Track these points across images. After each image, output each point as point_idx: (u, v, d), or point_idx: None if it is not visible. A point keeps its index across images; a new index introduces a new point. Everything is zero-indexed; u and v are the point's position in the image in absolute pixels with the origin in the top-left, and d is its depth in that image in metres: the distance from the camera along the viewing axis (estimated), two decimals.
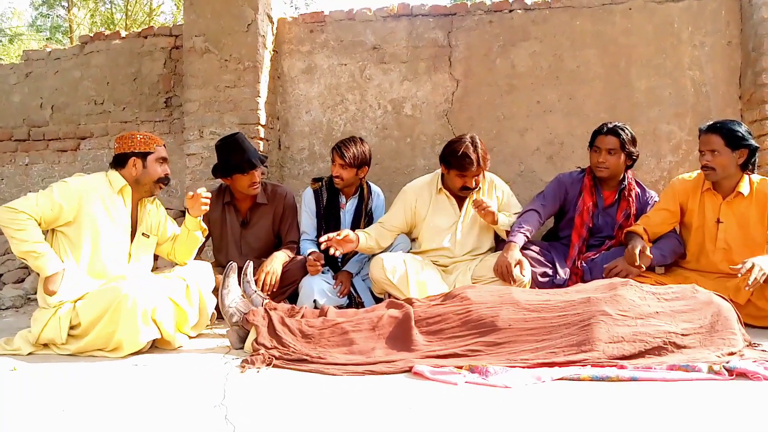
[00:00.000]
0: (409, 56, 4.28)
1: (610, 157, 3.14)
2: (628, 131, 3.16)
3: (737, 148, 2.83)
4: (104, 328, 2.42)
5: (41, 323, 2.49)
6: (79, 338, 2.48)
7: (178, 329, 2.65)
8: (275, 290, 3.13)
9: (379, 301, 3.12)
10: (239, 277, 2.69)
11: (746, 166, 2.88)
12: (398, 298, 2.83)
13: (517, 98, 4.16)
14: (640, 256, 2.82)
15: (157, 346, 2.60)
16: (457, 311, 2.38)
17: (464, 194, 3.20)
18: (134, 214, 2.80)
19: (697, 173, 3.04)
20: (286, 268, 3.20)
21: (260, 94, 4.12)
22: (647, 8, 4.03)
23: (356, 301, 3.24)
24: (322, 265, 3.19)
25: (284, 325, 2.43)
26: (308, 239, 3.45)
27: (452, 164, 3.09)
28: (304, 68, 4.40)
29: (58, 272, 2.49)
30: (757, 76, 3.67)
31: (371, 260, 3.15)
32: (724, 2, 3.95)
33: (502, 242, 3.15)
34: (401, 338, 2.33)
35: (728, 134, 2.83)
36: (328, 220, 3.44)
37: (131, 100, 4.67)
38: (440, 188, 3.25)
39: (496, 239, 3.28)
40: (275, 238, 3.48)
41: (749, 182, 2.91)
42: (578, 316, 2.24)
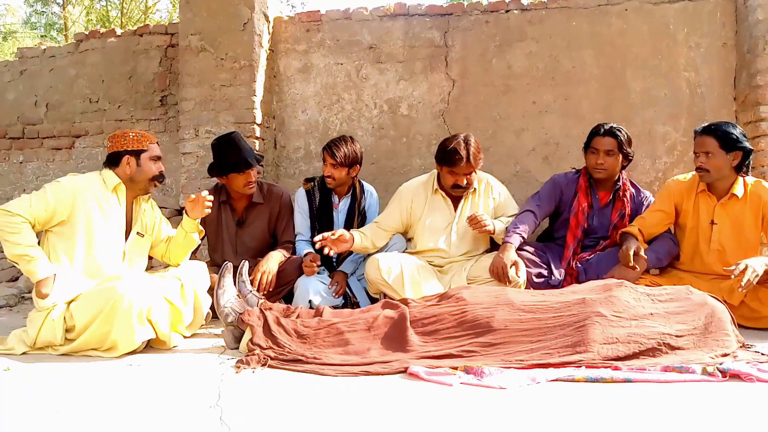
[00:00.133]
0: (405, 56, 4.28)
1: (608, 158, 3.14)
2: (624, 132, 3.17)
3: (732, 150, 2.84)
4: (99, 328, 2.41)
5: (37, 326, 2.48)
6: (73, 339, 2.47)
7: (173, 328, 2.65)
8: (271, 290, 3.13)
9: (374, 301, 3.12)
10: (235, 277, 2.69)
11: (741, 168, 2.90)
12: (393, 298, 2.84)
13: (513, 98, 4.17)
14: (634, 257, 2.83)
15: (152, 345, 2.59)
16: (452, 312, 2.38)
17: (457, 193, 3.20)
18: (129, 212, 2.79)
19: (692, 174, 3.06)
20: (281, 267, 3.20)
21: (256, 93, 4.10)
22: (643, 9, 4.04)
23: (352, 301, 3.24)
24: (318, 266, 3.20)
25: (279, 325, 2.43)
26: (303, 240, 3.44)
27: (443, 160, 3.11)
28: (300, 67, 4.39)
29: (49, 276, 2.49)
30: (752, 77, 3.68)
31: (367, 260, 3.16)
32: (719, 4, 3.96)
33: (497, 244, 3.15)
34: (396, 339, 2.33)
35: (723, 136, 2.84)
36: (321, 220, 3.44)
37: (126, 98, 4.64)
38: (436, 188, 3.26)
39: (491, 241, 3.28)
40: (271, 237, 3.48)
41: (743, 184, 2.93)
42: (573, 317, 2.25)
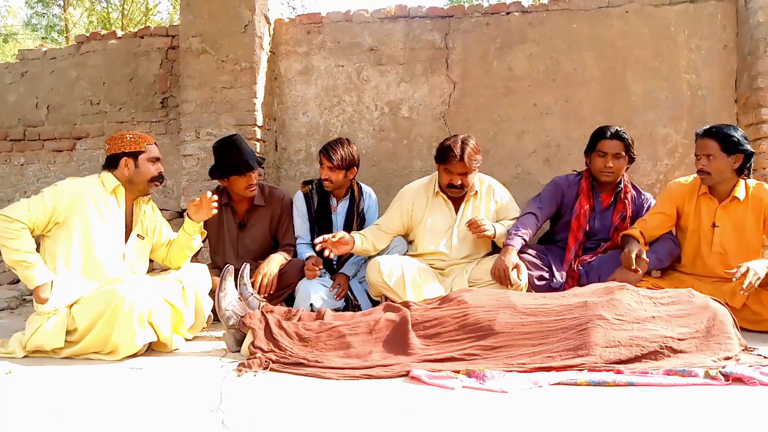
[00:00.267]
0: (406, 58, 4.28)
1: (616, 161, 3.15)
2: (627, 134, 3.18)
3: (733, 152, 2.84)
4: (100, 331, 2.41)
5: (32, 329, 2.47)
6: (75, 342, 2.47)
7: (174, 331, 2.64)
8: (272, 292, 3.13)
9: (375, 303, 3.12)
10: (236, 279, 2.69)
11: (742, 170, 2.89)
12: (395, 301, 2.83)
13: (513, 101, 4.17)
14: (636, 259, 2.83)
15: (153, 348, 2.58)
16: (454, 315, 2.38)
17: (453, 194, 3.20)
18: (129, 215, 2.79)
19: (693, 177, 3.05)
20: (282, 270, 3.20)
21: (257, 95, 4.11)
22: (644, 12, 4.04)
23: (353, 303, 3.24)
24: (320, 269, 3.19)
25: (281, 328, 2.43)
26: (303, 243, 3.44)
27: (439, 157, 3.16)
28: (301, 69, 4.39)
29: (46, 282, 2.48)
30: (752, 79, 3.68)
31: (368, 263, 3.15)
32: (720, 6, 3.97)
33: (498, 247, 3.14)
34: (398, 342, 2.33)
35: (724, 139, 2.84)
36: (319, 222, 3.43)
37: (127, 100, 4.65)
38: (437, 191, 3.25)
39: (492, 243, 3.27)
40: (272, 240, 3.48)
41: (745, 187, 2.92)
42: (575, 320, 2.25)
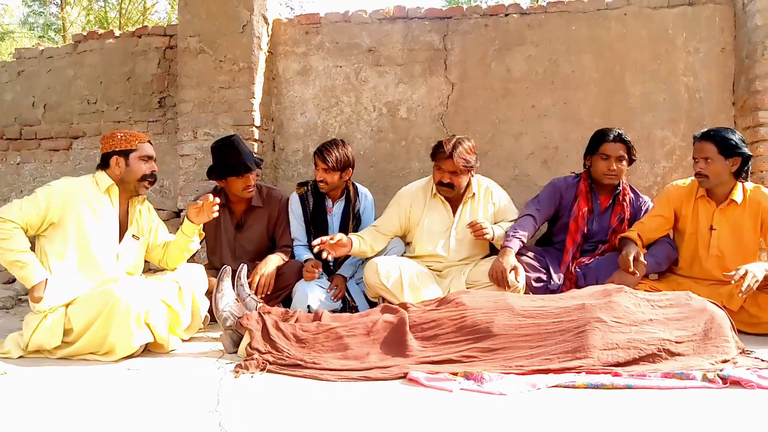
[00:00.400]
0: (404, 59, 4.27)
1: (619, 164, 3.15)
2: (628, 136, 3.18)
3: (730, 156, 2.84)
4: (97, 331, 2.40)
5: (32, 329, 2.46)
6: (71, 342, 2.46)
7: (171, 332, 2.63)
8: (269, 293, 3.12)
9: (373, 305, 3.11)
10: (233, 280, 2.68)
11: (740, 173, 2.90)
12: (392, 302, 2.82)
13: (512, 102, 4.17)
14: (634, 262, 2.83)
15: (150, 349, 2.57)
16: (452, 317, 2.38)
17: (444, 193, 3.19)
18: (124, 214, 2.77)
19: (691, 180, 3.06)
20: (280, 271, 3.19)
21: (255, 95, 4.10)
22: (642, 14, 4.04)
23: (350, 304, 3.23)
24: (318, 272, 3.18)
25: (278, 329, 2.42)
26: (300, 244, 3.43)
27: (431, 154, 3.19)
28: (299, 70, 4.39)
29: (41, 281, 2.47)
30: (750, 82, 3.69)
31: (365, 264, 3.15)
32: (718, 9, 3.97)
33: (496, 249, 3.14)
34: (396, 343, 2.32)
35: (722, 142, 2.85)
36: (315, 224, 3.42)
37: (124, 99, 4.63)
38: (435, 192, 3.25)
39: (490, 245, 3.27)
40: (269, 241, 3.47)
41: (743, 190, 2.93)
42: (573, 322, 2.25)
